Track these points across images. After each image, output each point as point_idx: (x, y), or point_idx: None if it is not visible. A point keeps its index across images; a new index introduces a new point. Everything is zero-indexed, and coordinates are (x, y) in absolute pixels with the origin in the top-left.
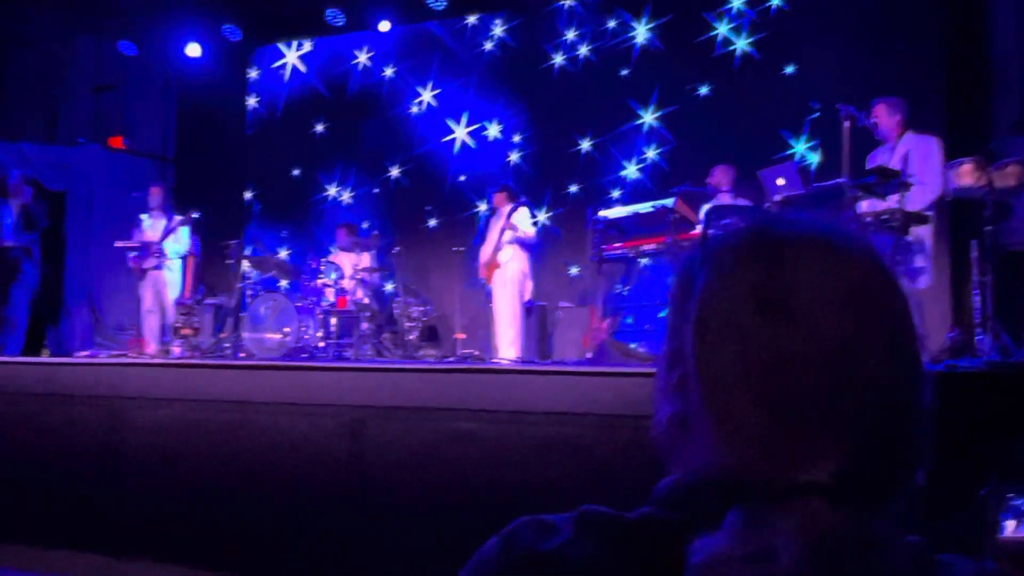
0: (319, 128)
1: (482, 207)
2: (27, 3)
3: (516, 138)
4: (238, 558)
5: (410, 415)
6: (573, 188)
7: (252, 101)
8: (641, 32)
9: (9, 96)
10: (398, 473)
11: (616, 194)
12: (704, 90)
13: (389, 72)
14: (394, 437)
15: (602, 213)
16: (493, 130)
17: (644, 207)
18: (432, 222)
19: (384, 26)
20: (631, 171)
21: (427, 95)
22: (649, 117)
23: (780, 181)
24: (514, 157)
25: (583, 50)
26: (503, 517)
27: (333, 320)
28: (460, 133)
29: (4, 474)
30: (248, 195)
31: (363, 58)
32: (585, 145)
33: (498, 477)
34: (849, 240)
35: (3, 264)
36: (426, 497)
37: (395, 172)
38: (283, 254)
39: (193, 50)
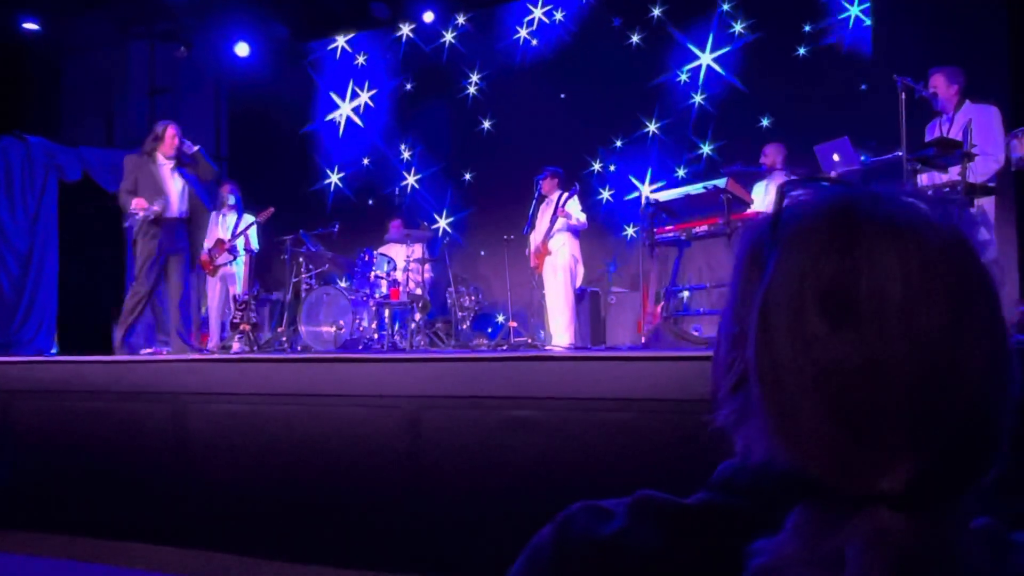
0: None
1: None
2: (80, 12)
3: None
4: (298, 547)
5: (466, 404)
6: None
7: (301, 96)
8: None
9: (67, 102)
10: (455, 462)
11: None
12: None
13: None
14: (451, 426)
15: (652, 196)
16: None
17: (695, 188)
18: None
19: (428, 17)
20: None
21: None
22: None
23: (835, 157)
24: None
25: None
26: (561, 505)
27: (387, 311)
28: None
29: (74, 469)
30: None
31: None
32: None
33: (556, 465)
34: (937, 230)
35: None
36: (484, 485)
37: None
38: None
39: (242, 49)
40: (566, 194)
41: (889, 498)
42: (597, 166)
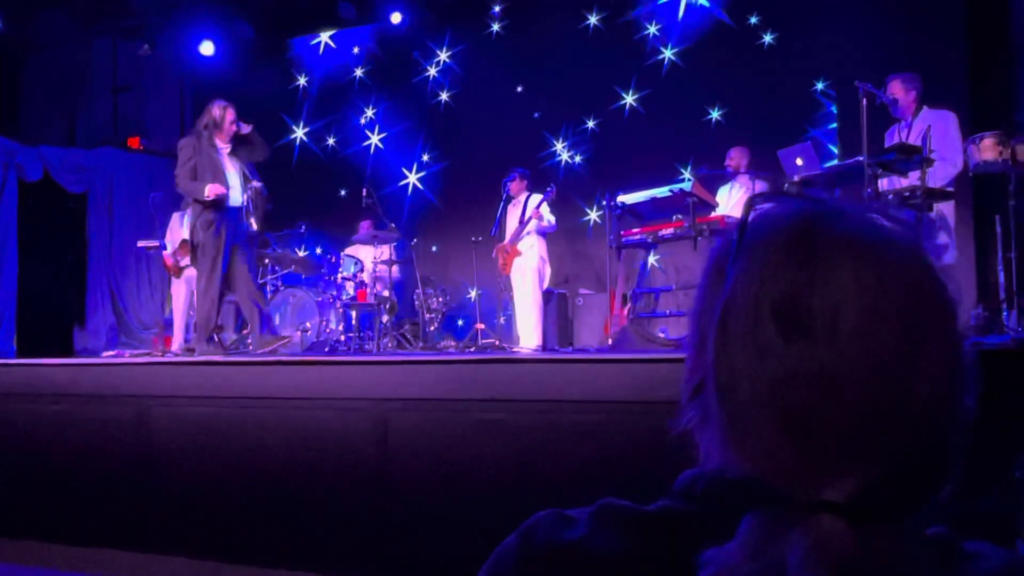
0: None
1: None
2: (43, 8)
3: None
4: (267, 552)
5: (435, 406)
6: None
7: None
8: None
9: (28, 100)
10: (424, 464)
11: None
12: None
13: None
14: (419, 429)
15: (619, 199)
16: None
17: (661, 191)
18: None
19: (396, 18)
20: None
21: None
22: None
23: (799, 161)
24: None
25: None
26: (529, 507)
27: (354, 313)
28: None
29: (35, 474)
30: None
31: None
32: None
33: (524, 466)
34: (896, 248)
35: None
36: (453, 488)
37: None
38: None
39: (207, 48)
40: (540, 195)
41: (835, 507)
42: (559, 145)
